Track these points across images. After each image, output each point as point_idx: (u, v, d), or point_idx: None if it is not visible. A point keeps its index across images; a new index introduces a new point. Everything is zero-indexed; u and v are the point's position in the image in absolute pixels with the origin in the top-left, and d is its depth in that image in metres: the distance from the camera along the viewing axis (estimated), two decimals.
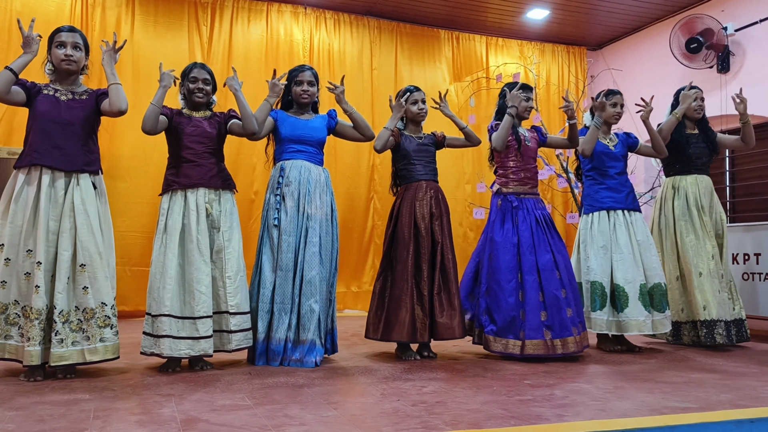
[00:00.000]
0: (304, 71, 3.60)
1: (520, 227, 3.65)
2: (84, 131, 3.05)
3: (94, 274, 2.94)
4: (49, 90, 3.06)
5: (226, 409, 2.30)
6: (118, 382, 2.81)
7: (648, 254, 3.93)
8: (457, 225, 6.82)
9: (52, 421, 2.11)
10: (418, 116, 3.77)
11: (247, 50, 6.29)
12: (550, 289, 3.53)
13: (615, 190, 4.00)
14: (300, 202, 3.43)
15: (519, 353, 3.47)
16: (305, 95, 3.57)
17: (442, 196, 3.73)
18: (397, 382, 2.87)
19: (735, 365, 3.40)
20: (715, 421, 2.18)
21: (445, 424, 2.11)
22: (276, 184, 3.46)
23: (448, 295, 3.56)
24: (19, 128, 5.30)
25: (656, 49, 6.80)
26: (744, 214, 6.18)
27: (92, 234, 2.96)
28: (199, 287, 3.11)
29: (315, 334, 3.31)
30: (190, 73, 3.37)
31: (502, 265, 3.59)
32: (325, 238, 3.44)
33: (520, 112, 3.80)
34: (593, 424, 2.12)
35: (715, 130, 4.42)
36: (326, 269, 3.44)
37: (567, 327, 3.50)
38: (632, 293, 3.80)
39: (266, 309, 3.33)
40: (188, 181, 3.24)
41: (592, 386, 2.80)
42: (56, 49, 3.05)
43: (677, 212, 4.17)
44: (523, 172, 3.79)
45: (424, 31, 7.10)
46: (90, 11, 5.78)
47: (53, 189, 2.94)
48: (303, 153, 3.52)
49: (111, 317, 2.97)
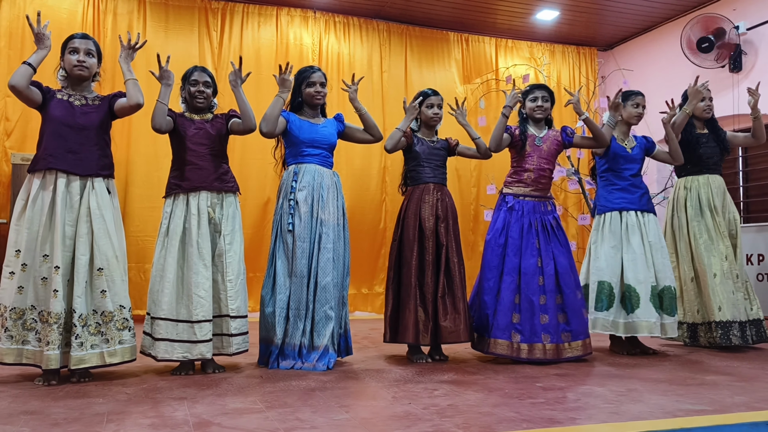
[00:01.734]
0: (315, 72, 3.58)
1: (510, 228, 3.64)
2: (98, 135, 3.08)
3: (112, 278, 2.97)
4: (63, 95, 3.09)
5: (238, 413, 2.31)
6: (131, 385, 2.83)
7: (659, 256, 3.90)
8: (468, 231, 6.82)
9: (66, 425, 2.13)
10: (431, 120, 3.76)
11: (258, 55, 6.32)
12: (527, 293, 3.53)
13: (628, 191, 3.97)
14: (313, 208, 3.43)
15: (485, 350, 3.54)
16: (318, 96, 3.57)
17: (449, 200, 3.73)
18: (408, 385, 2.87)
19: (750, 367, 3.37)
20: (730, 423, 2.16)
21: (457, 427, 2.11)
22: (289, 189, 3.45)
23: (453, 298, 3.55)
24: (33, 135, 5.34)
25: (667, 49, 6.76)
26: (758, 215, 6.12)
27: (109, 238, 2.99)
28: (198, 291, 3.12)
29: (329, 339, 3.32)
30: (190, 76, 3.39)
31: (484, 264, 3.66)
32: (337, 243, 3.44)
33: (528, 112, 3.80)
34: (606, 428, 2.11)
35: (727, 129, 4.39)
36: (339, 273, 3.44)
37: (537, 333, 3.48)
38: (643, 294, 3.76)
39: (283, 315, 3.34)
40: (190, 185, 3.24)
41: (604, 389, 2.78)
42: (69, 55, 3.08)
43: (690, 213, 4.14)
44: (527, 173, 3.76)
45: (433, 33, 7.10)
46: (102, 17, 5.83)
47: (69, 194, 2.96)
48: (316, 157, 3.52)
49: (129, 319, 3.01)
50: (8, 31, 5.47)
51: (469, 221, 6.91)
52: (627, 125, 4.09)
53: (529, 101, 3.83)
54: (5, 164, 5.31)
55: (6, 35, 5.47)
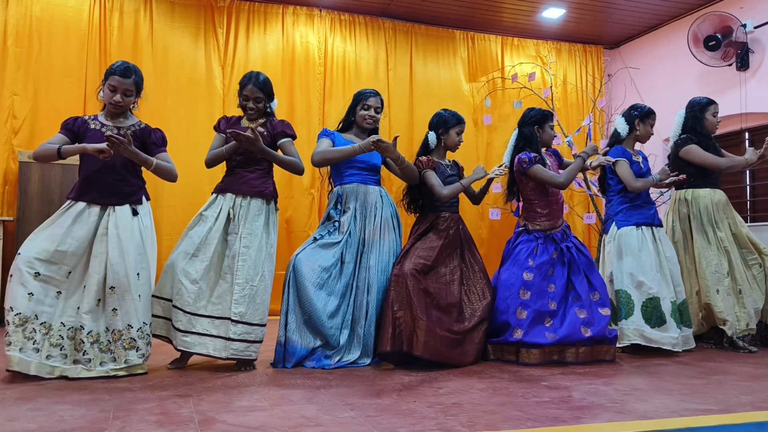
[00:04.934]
0: (372, 96, 3.62)
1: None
2: (123, 167, 3.12)
3: (122, 297, 2.99)
4: (96, 124, 3.15)
5: (243, 410, 2.32)
6: (137, 382, 2.84)
7: (676, 270, 3.93)
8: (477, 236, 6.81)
9: (72, 421, 2.14)
10: (455, 147, 3.75)
11: (264, 52, 6.33)
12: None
13: (643, 207, 3.98)
14: (355, 227, 3.48)
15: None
16: (370, 120, 3.61)
17: (463, 226, 3.71)
18: (413, 383, 2.87)
19: (756, 367, 3.35)
20: (735, 423, 2.16)
21: (462, 425, 2.11)
22: (333, 209, 3.53)
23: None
24: (40, 133, 5.40)
25: (674, 47, 6.73)
26: (764, 213, 6.09)
27: (122, 258, 3.01)
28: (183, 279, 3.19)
29: (361, 357, 3.38)
30: (243, 89, 3.40)
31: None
32: (384, 262, 3.48)
33: (547, 138, 3.80)
34: (611, 427, 2.11)
35: (735, 127, 4.37)
36: (381, 291, 3.46)
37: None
38: (667, 309, 3.75)
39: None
40: (222, 185, 3.37)
41: (609, 388, 2.78)
42: (108, 90, 3.13)
43: (694, 226, 4.12)
44: (557, 205, 3.79)
45: (439, 31, 7.09)
46: (108, 15, 5.84)
47: (88, 215, 3.04)
48: (358, 176, 3.56)
49: (137, 339, 3.00)
50: (15, 29, 5.49)
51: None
52: (635, 141, 4.10)
53: (549, 128, 3.80)
54: (12, 162, 5.33)
55: (13, 33, 5.48)
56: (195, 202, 5.10)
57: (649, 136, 4.09)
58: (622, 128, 4.07)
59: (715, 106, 4.22)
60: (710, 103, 4.21)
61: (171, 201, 5.73)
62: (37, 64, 5.54)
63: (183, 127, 5.82)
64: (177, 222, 5.63)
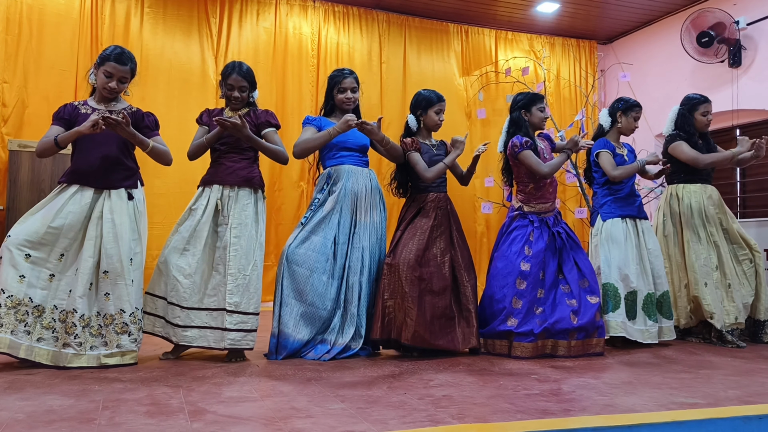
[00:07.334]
0: (346, 77, 3.60)
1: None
2: (119, 150, 3.11)
3: (115, 282, 2.98)
4: (87, 108, 3.13)
5: (233, 401, 2.32)
6: (127, 373, 2.83)
7: (658, 262, 3.95)
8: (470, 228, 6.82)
9: (61, 411, 2.13)
10: (436, 127, 3.75)
11: (257, 43, 6.29)
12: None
13: (628, 199, 4.00)
14: (346, 208, 3.49)
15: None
16: (348, 102, 3.61)
17: (450, 206, 3.72)
18: (404, 375, 2.88)
19: (744, 362, 3.38)
20: (723, 417, 2.17)
21: (452, 417, 2.12)
22: (322, 190, 3.54)
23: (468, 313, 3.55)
24: (29, 120, 5.35)
25: (667, 43, 6.75)
26: (755, 210, 6.13)
27: (116, 242, 3.00)
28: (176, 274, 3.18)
29: (354, 338, 3.39)
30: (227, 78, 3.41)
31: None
32: (373, 243, 3.50)
33: (538, 122, 3.79)
34: (600, 419, 2.12)
35: (726, 124, 4.38)
36: (372, 272, 3.49)
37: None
38: (639, 301, 3.81)
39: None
40: (208, 178, 3.34)
41: (599, 381, 2.79)
42: (103, 75, 3.10)
43: (683, 221, 4.14)
44: (551, 188, 3.82)
45: (433, 24, 7.08)
46: (99, 4, 5.79)
47: (81, 197, 3.03)
48: (348, 158, 3.58)
49: (129, 324, 2.99)
50: (5, 17, 5.43)
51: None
52: (619, 134, 4.10)
53: (538, 110, 3.78)
54: (2, 151, 5.28)
55: (3, 20, 5.42)
56: (187, 191, 5.07)
57: (632, 130, 4.07)
58: (605, 121, 4.09)
59: (707, 105, 4.21)
60: (701, 102, 4.21)
61: (162, 189, 5.70)
62: (28, 52, 5.49)
63: (175, 116, 5.76)
64: (169, 212, 5.61)
